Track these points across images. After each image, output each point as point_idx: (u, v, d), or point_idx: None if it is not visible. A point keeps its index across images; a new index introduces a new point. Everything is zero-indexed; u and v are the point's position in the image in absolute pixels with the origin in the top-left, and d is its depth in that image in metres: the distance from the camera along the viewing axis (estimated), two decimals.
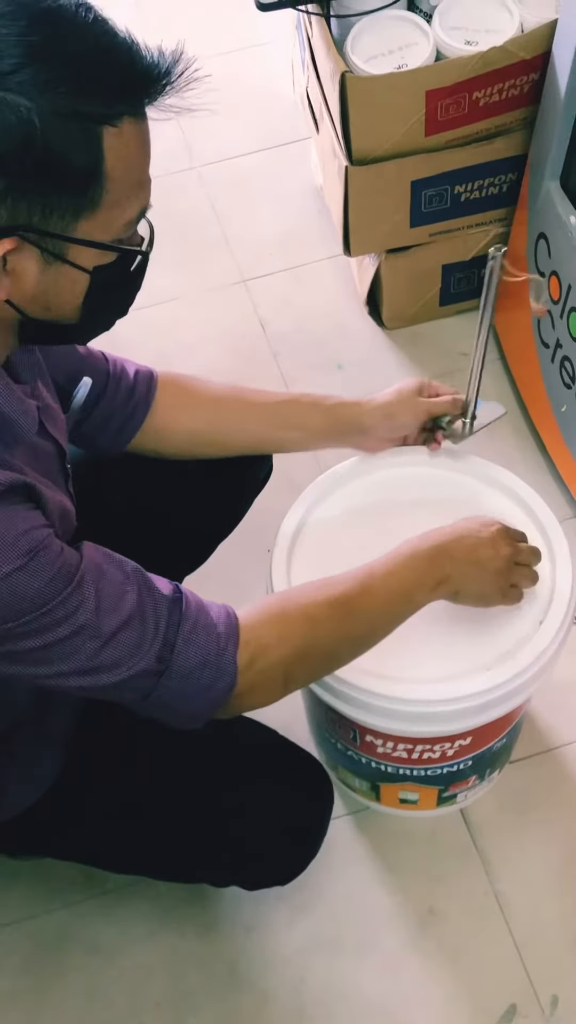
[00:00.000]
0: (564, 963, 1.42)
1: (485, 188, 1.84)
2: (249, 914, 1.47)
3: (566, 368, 1.68)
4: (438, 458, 1.35)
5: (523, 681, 1.19)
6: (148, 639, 0.93)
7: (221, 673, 0.97)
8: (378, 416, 1.29)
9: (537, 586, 1.23)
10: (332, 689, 1.20)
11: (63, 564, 0.89)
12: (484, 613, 1.20)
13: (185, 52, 0.83)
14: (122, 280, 0.94)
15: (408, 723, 1.20)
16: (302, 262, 2.20)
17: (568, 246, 1.60)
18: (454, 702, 1.17)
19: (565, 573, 1.24)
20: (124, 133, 0.82)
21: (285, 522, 1.30)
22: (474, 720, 1.20)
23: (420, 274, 1.98)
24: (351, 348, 2.07)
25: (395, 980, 1.42)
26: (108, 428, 1.22)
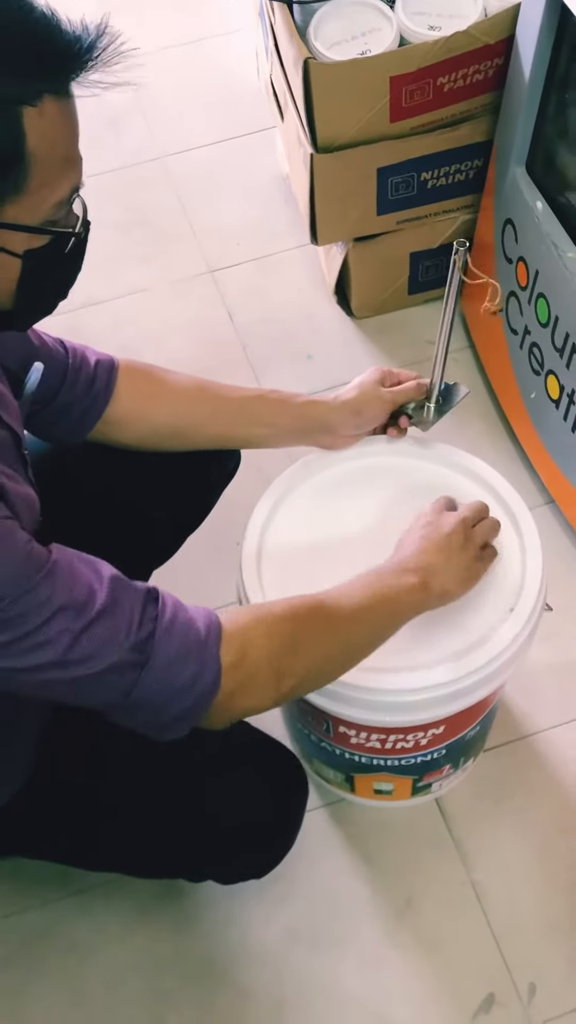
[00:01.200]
0: (541, 951, 1.41)
1: (451, 175, 1.83)
2: (226, 909, 1.46)
3: (534, 354, 1.67)
4: (407, 446, 1.34)
5: (495, 668, 1.19)
6: (123, 630, 0.90)
7: (204, 667, 0.93)
8: (345, 413, 1.28)
9: (508, 574, 1.22)
10: None
11: (31, 553, 0.87)
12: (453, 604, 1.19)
13: (110, 25, 0.80)
14: (57, 263, 0.91)
15: (381, 712, 1.19)
16: (269, 252, 2.18)
17: (535, 232, 1.59)
18: (426, 691, 1.16)
19: (535, 560, 1.24)
20: (46, 112, 0.79)
21: (255, 514, 1.29)
22: (447, 708, 1.19)
23: (388, 262, 1.97)
24: (320, 338, 2.05)
25: (374, 972, 1.41)
26: (67, 417, 1.20)
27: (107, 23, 0.80)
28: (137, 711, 0.94)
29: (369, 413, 1.29)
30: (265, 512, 1.29)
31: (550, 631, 1.45)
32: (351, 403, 1.28)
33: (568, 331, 1.54)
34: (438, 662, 1.17)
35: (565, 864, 1.48)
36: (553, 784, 1.54)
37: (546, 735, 1.58)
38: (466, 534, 1.14)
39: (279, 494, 1.31)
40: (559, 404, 1.63)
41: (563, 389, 1.60)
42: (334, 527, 1.28)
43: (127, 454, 1.27)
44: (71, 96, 0.82)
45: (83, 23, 0.80)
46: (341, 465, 1.34)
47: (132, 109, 2.44)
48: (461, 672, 1.17)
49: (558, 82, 1.51)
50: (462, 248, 1.11)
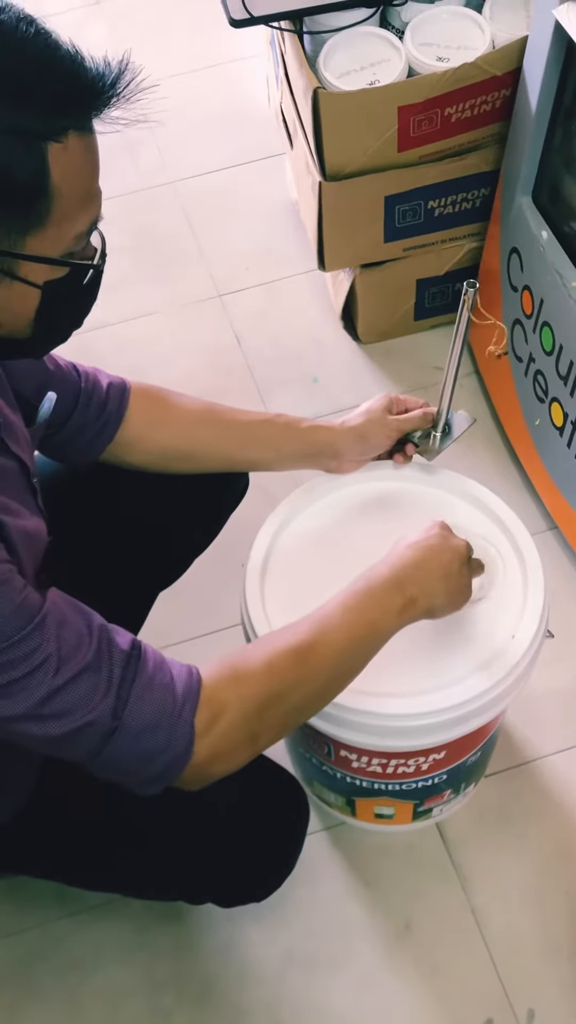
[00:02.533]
0: (540, 977, 1.41)
1: (458, 203, 1.85)
2: (225, 931, 1.46)
3: (539, 382, 1.69)
4: (412, 472, 1.35)
5: (497, 694, 1.19)
6: (101, 691, 0.89)
7: (176, 736, 0.92)
8: (351, 439, 1.29)
9: (510, 600, 1.23)
10: None
11: (24, 602, 0.87)
12: (457, 626, 1.20)
13: (131, 62, 0.81)
14: (75, 293, 0.93)
15: (382, 737, 1.20)
16: (277, 277, 2.20)
17: (540, 261, 1.61)
18: (428, 716, 1.17)
19: (536, 587, 1.24)
20: (69, 148, 0.81)
21: (259, 537, 1.30)
22: (448, 734, 1.20)
23: (394, 289, 1.98)
24: (326, 362, 2.07)
25: (372, 996, 1.41)
26: (79, 441, 1.22)
27: (128, 60, 0.81)
28: (107, 770, 0.94)
29: (375, 440, 1.30)
30: (270, 534, 1.30)
31: (552, 657, 1.45)
32: (357, 429, 1.29)
33: (573, 359, 1.56)
34: (440, 688, 1.18)
35: (565, 890, 1.48)
36: (554, 810, 1.55)
37: (548, 761, 1.58)
38: (466, 559, 1.15)
39: (284, 517, 1.32)
40: (563, 432, 1.64)
41: (567, 417, 1.61)
42: (338, 550, 1.29)
43: (136, 476, 1.28)
44: (93, 132, 0.84)
45: (106, 60, 0.81)
46: (346, 489, 1.35)
47: (144, 134, 2.47)
48: (463, 698, 1.17)
49: (564, 113, 1.53)
50: (472, 289, 1.13)
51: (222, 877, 1.25)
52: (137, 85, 0.82)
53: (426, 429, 1.32)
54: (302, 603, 1.23)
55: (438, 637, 1.21)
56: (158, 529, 1.33)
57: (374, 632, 1.05)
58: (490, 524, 1.31)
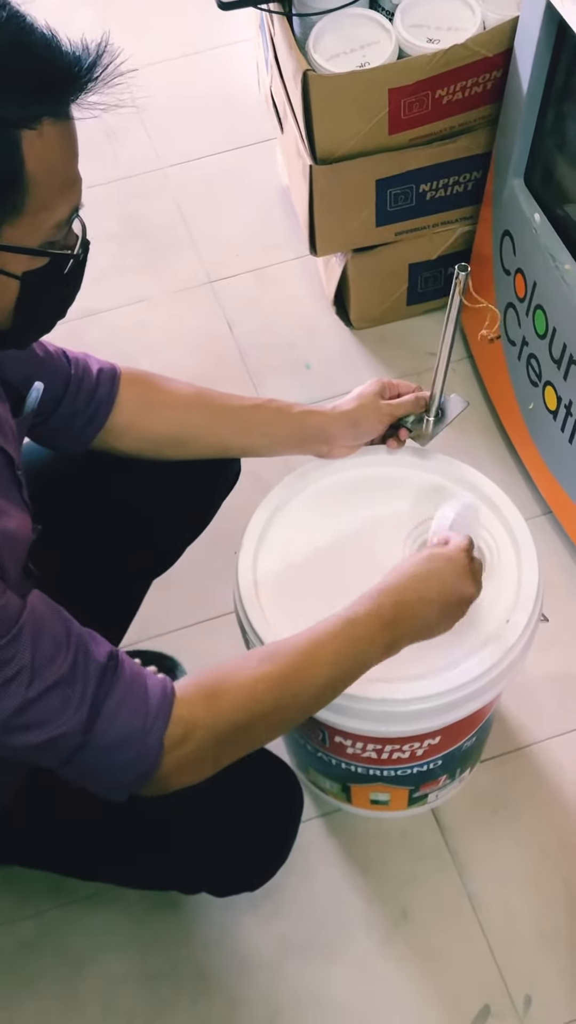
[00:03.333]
0: (537, 962, 1.41)
1: (450, 186, 1.83)
2: (220, 920, 1.46)
3: (532, 366, 1.68)
4: (405, 457, 1.34)
5: (491, 679, 1.19)
6: (73, 705, 0.89)
7: (144, 754, 0.93)
8: (343, 424, 1.28)
9: (504, 585, 1.23)
10: None
11: (2, 612, 0.86)
12: None
13: (110, 45, 0.79)
14: (56, 284, 0.90)
15: (376, 723, 1.19)
16: (269, 263, 2.19)
17: (533, 243, 1.59)
18: (422, 700, 1.16)
19: (531, 572, 1.24)
20: (45, 135, 0.79)
21: (251, 523, 1.29)
22: (443, 718, 1.19)
23: (387, 273, 1.97)
24: (319, 348, 2.06)
25: (368, 984, 1.41)
26: (70, 428, 1.21)
27: (107, 42, 0.79)
28: (74, 777, 0.95)
29: (367, 425, 1.29)
30: (262, 521, 1.29)
31: (546, 642, 1.45)
32: (349, 414, 1.28)
33: (566, 342, 1.55)
34: (434, 672, 1.17)
35: (562, 875, 1.47)
36: (550, 795, 1.54)
37: (543, 746, 1.58)
38: (470, 599, 1.12)
39: (277, 503, 1.31)
40: (557, 416, 1.63)
41: (561, 401, 1.60)
42: (331, 537, 1.28)
43: (127, 463, 1.27)
44: (70, 118, 0.82)
45: (83, 43, 0.78)
46: (338, 475, 1.34)
47: (132, 120, 2.45)
48: (457, 682, 1.17)
49: (556, 94, 1.51)
50: (463, 272, 1.12)
51: (217, 866, 1.24)
52: (116, 69, 0.79)
53: (419, 414, 1.31)
54: (295, 590, 1.24)
55: None
56: (149, 517, 1.32)
57: (360, 665, 1.05)
58: (484, 509, 1.30)
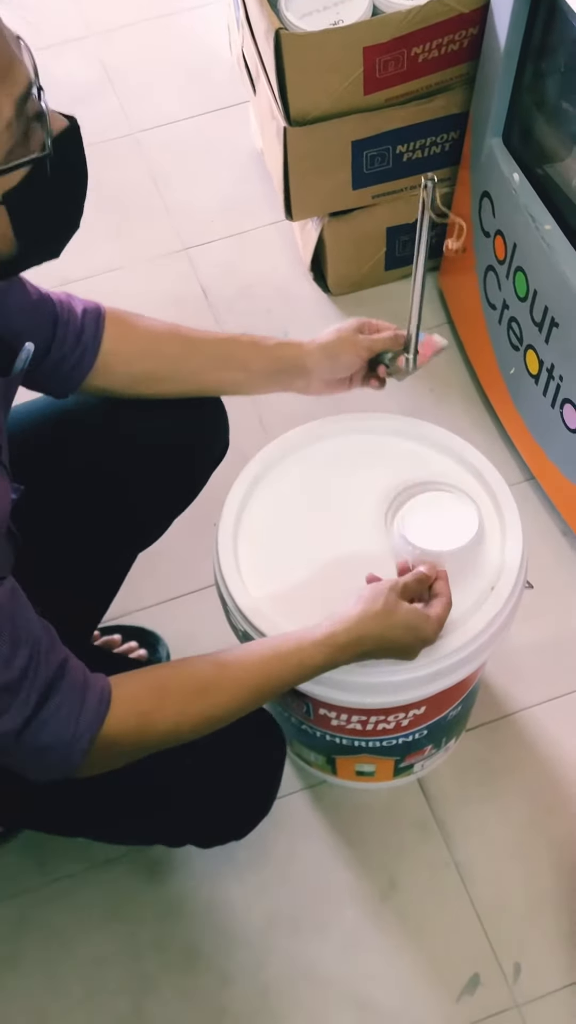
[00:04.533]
0: (525, 930, 1.40)
1: (427, 147, 1.80)
2: (206, 896, 1.44)
3: (513, 329, 1.65)
4: (386, 424, 1.32)
5: (476, 647, 1.17)
6: (13, 712, 0.90)
7: (67, 760, 0.95)
8: (320, 357, 1.26)
9: (488, 553, 1.21)
10: None
11: None
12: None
13: None
14: (46, 193, 0.84)
15: (361, 694, 1.17)
16: (244, 228, 2.15)
17: (512, 204, 1.57)
18: (407, 671, 1.14)
19: (515, 539, 1.22)
20: None
21: (231, 494, 1.26)
22: (428, 688, 1.18)
23: (364, 238, 1.94)
24: (296, 315, 2.02)
25: (357, 956, 1.40)
26: (58, 373, 1.18)
27: None
28: (3, 760, 0.98)
29: (345, 358, 1.27)
30: (241, 492, 1.27)
31: (531, 609, 1.43)
32: (327, 347, 1.26)
33: (547, 305, 1.52)
34: None
35: (548, 842, 1.47)
36: (536, 762, 1.53)
37: (529, 713, 1.57)
38: (420, 645, 1.12)
39: (256, 472, 1.29)
40: (538, 380, 1.61)
41: (542, 364, 1.58)
42: (312, 507, 1.26)
43: (114, 435, 1.25)
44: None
45: None
46: (318, 443, 1.32)
47: (103, 85, 2.40)
48: (442, 651, 1.15)
49: (534, 51, 1.48)
50: (430, 183, 1.09)
51: (202, 817, 1.22)
52: None
53: (397, 351, 1.29)
54: (277, 563, 1.21)
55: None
56: (133, 489, 1.30)
57: (300, 680, 1.09)
58: (467, 475, 1.28)
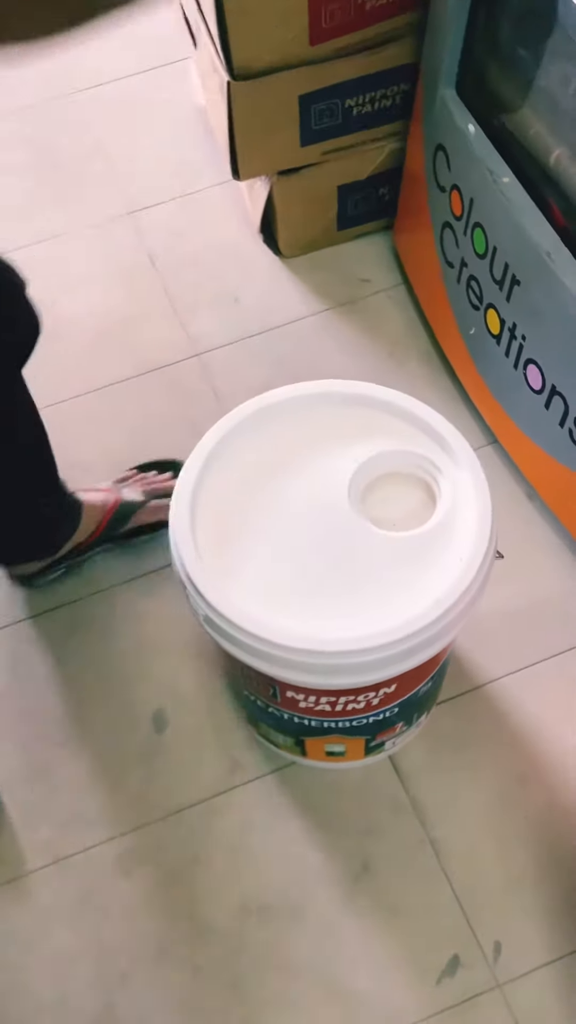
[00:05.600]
0: (504, 907, 1.37)
1: (377, 101, 1.73)
2: (174, 888, 1.39)
3: (472, 288, 1.59)
4: (346, 390, 1.26)
5: (448, 622, 1.12)
6: None
7: None
8: None
9: (456, 523, 1.16)
10: (246, 646, 1.11)
11: None
12: (401, 552, 1.13)
13: None
14: None
15: (329, 676, 1.12)
16: (189, 190, 2.07)
17: (468, 157, 1.50)
18: (377, 651, 1.09)
19: (484, 506, 1.17)
20: None
21: (184, 474, 1.20)
22: (399, 666, 1.13)
23: (315, 197, 1.87)
24: (247, 279, 1.95)
25: (332, 943, 1.35)
26: None
27: None
28: None
29: None
30: (197, 470, 1.20)
31: (497, 577, 1.38)
32: None
33: (507, 262, 1.47)
34: (387, 618, 1.10)
35: (524, 814, 1.43)
36: (509, 733, 1.49)
37: (500, 684, 1.52)
38: None
39: (211, 448, 1.22)
40: (500, 340, 1.55)
41: (504, 324, 1.53)
42: (272, 480, 1.20)
43: None
44: None
45: None
46: (276, 414, 1.25)
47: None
48: (412, 628, 1.09)
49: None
50: None
51: None
52: None
53: None
54: (237, 542, 1.16)
55: (382, 565, 1.13)
56: None
57: None
58: (431, 443, 1.22)
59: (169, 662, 1.53)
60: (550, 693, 1.51)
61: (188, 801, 1.44)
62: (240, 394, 1.24)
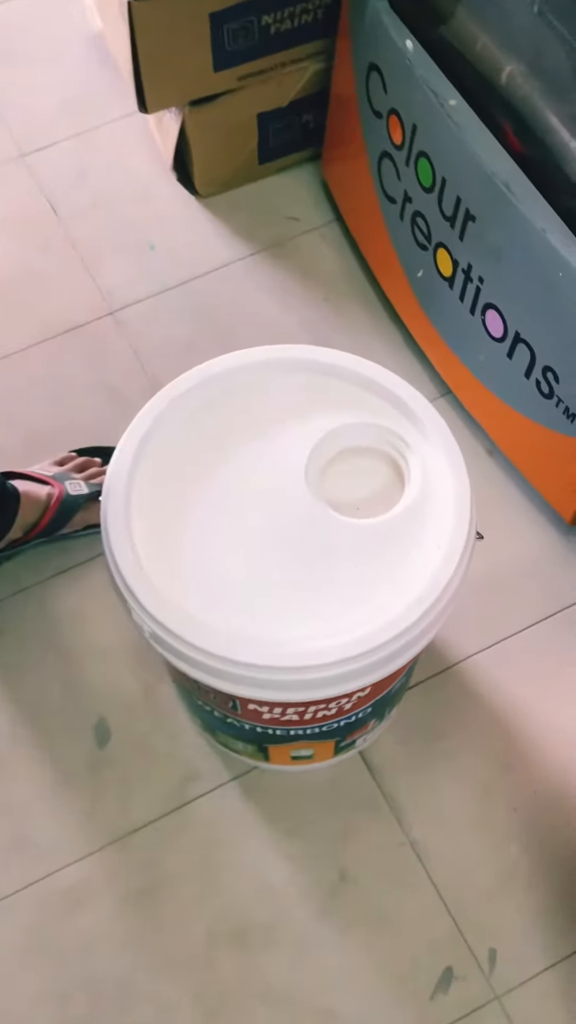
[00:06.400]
0: (496, 910, 1.25)
1: (297, 16, 1.54)
2: (134, 919, 1.25)
3: (419, 225, 1.43)
4: (286, 355, 1.10)
5: (429, 622, 0.98)
6: None
7: None
8: None
9: (428, 504, 1.01)
10: (203, 665, 0.96)
11: None
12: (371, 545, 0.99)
13: None
14: None
15: (299, 691, 0.98)
16: (91, 126, 1.86)
17: (406, 78, 1.33)
18: (352, 661, 0.95)
19: (462, 483, 1.02)
20: None
21: (114, 467, 1.04)
22: (377, 675, 0.99)
23: (232, 127, 1.68)
24: (162, 224, 1.76)
25: (312, 964, 1.23)
26: None
27: None
28: None
29: None
30: (129, 459, 1.04)
31: None
32: None
33: (459, 195, 1.31)
34: (362, 623, 0.96)
35: (510, 805, 1.31)
36: (487, 715, 1.37)
37: (472, 662, 1.40)
38: None
39: (145, 429, 1.05)
40: (453, 283, 1.40)
41: (457, 265, 1.37)
42: (216, 465, 1.04)
43: None
44: None
45: None
46: (212, 388, 1.08)
47: None
48: (391, 633, 0.96)
49: None
50: None
51: None
52: None
53: None
54: (182, 541, 1.00)
55: (352, 557, 0.99)
56: None
57: None
58: (395, 413, 1.07)
59: (109, 665, 1.38)
60: (524, 669, 1.39)
61: (141, 820, 1.30)
62: (163, 353, 1.08)
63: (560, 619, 1.42)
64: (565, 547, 1.46)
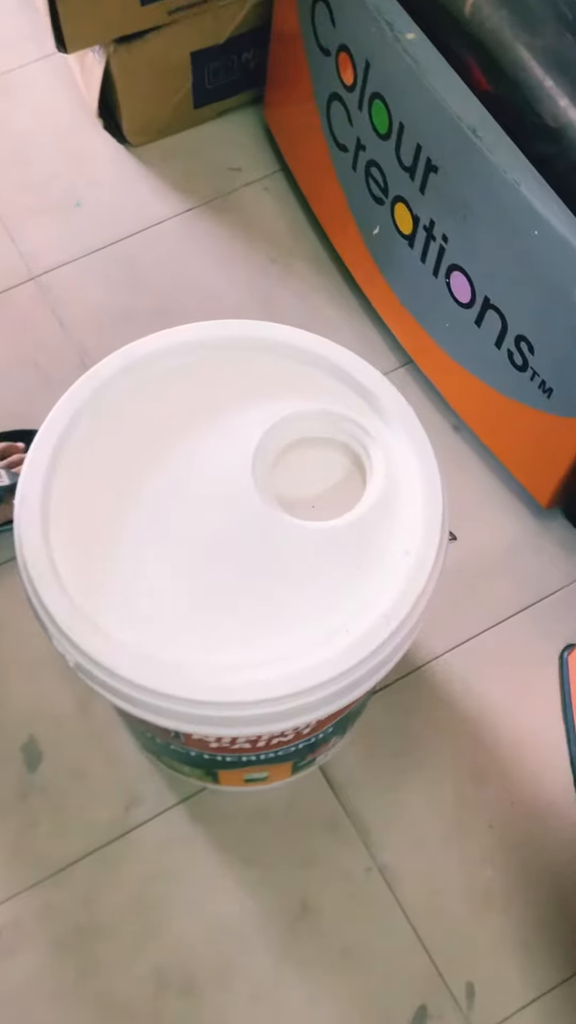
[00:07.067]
0: (472, 938, 1.14)
1: None
2: (72, 968, 1.12)
3: (374, 176, 1.28)
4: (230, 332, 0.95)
5: (399, 639, 0.86)
6: None
7: None
8: None
9: (392, 501, 0.88)
10: (136, 701, 0.83)
11: None
12: (333, 555, 0.86)
13: None
14: None
15: (248, 726, 0.85)
16: (4, 69, 1.68)
17: (358, 9, 1.18)
18: (310, 692, 0.82)
19: (432, 480, 0.89)
20: None
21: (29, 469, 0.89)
22: (338, 703, 0.86)
23: (163, 68, 1.51)
24: (88, 177, 1.59)
25: (271, 1008, 1.11)
26: None
27: None
28: None
29: None
30: (46, 459, 0.89)
31: None
32: None
33: (419, 142, 1.16)
34: (320, 646, 0.83)
35: (485, 820, 1.20)
36: (456, 721, 1.25)
37: (440, 662, 1.27)
38: None
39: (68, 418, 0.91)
40: (413, 241, 1.25)
41: (418, 221, 1.23)
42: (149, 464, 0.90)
43: None
44: None
45: None
46: (143, 371, 0.94)
47: None
48: (356, 658, 0.83)
49: None
50: None
51: None
52: None
53: None
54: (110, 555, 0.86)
55: (306, 566, 0.85)
56: None
57: None
58: (354, 397, 0.94)
59: (35, 678, 1.23)
60: (498, 668, 1.27)
61: (78, 852, 1.16)
62: (92, 323, 0.94)
63: (535, 611, 1.30)
64: (540, 533, 1.33)
